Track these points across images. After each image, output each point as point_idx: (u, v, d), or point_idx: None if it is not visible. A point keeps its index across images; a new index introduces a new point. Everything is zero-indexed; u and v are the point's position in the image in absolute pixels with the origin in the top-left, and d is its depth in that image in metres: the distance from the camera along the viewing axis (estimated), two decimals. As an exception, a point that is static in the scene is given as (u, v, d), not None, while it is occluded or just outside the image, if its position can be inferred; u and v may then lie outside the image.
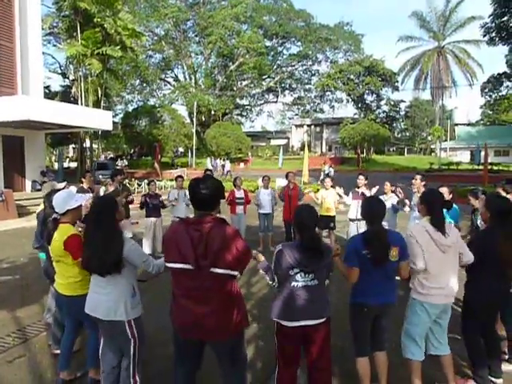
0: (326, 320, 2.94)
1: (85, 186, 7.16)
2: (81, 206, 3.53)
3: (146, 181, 22.94)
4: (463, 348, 3.89)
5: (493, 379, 3.61)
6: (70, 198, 3.45)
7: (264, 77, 55.24)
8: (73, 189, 5.38)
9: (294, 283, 2.87)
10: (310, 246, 2.85)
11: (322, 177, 26.65)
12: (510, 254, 3.42)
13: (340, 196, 8.50)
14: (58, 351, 3.99)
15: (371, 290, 3.16)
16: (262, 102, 61.60)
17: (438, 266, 3.27)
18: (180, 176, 8.74)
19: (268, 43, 54.53)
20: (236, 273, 2.62)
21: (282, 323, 2.90)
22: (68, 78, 38.04)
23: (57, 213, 3.43)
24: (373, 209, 3.29)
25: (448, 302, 3.36)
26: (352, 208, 7.86)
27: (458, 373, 3.71)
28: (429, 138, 58.95)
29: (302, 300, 2.86)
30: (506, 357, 3.89)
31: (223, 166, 33.97)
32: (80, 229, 3.54)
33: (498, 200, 3.79)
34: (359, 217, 7.18)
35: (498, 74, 44.05)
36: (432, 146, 58.31)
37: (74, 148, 48.76)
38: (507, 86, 48.91)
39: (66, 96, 32.23)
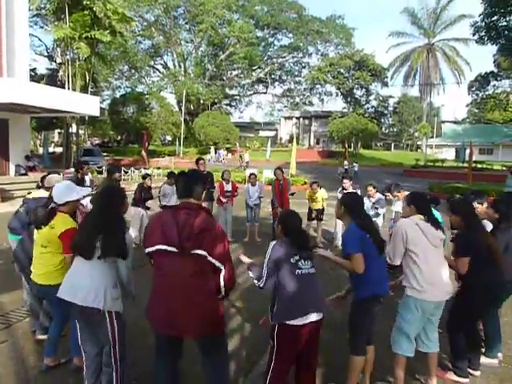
0: (323, 317, 2.92)
1: (79, 175, 7.19)
2: (79, 199, 3.61)
3: (132, 168, 22.76)
4: (444, 341, 3.98)
5: (472, 371, 3.72)
6: (71, 190, 3.51)
7: (254, 67, 54.97)
8: (57, 177, 5.27)
9: (297, 271, 2.84)
10: (300, 244, 2.94)
11: (339, 171, 25.89)
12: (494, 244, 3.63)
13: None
14: (43, 337, 3.98)
15: (380, 279, 3.21)
16: (252, 92, 61.42)
17: (431, 261, 3.30)
18: (172, 173, 8.75)
19: (259, 33, 54.23)
20: (218, 264, 2.64)
21: (291, 323, 2.77)
22: (55, 62, 37.21)
23: (55, 203, 3.46)
24: (357, 202, 3.41)
25: (444, 299, 3.37)
26: None
27: (438, 365, 3.80)
28: (416, 134, 59.45)
29: (308, 288, 2.83)
30: (483, 350, 4.00)
31: (241, 157, 34.18)
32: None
33: (460, 202, 4.02)
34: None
35: (486, 73, 44.44)
36: (418, 143, 58.87)
37: (59, 133, 47.98)
38: (494, 86, 49.42)
39: (52, 80, 31.55)
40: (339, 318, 3.41)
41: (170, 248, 2.58)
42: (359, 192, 7.88)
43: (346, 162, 28.17)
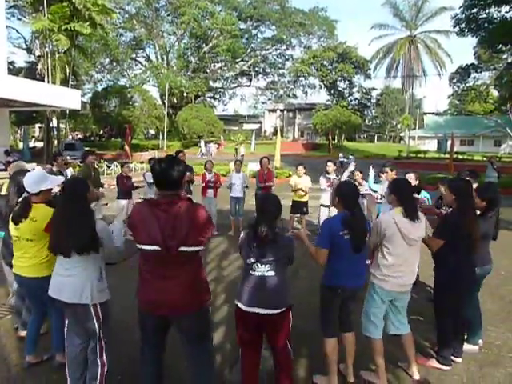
0: (284, 311, 2.94)
1: (54, 168, 7.00)
2: (52, 188, 3.50)
3: (115, 163, 22.52)
4: (425, 329, 4.06)
5: (454, 358, 3.79)
6: (44, 179, 3.41)
7: (237, 60, 54.67)
8: (22, 163, 5.23)
9: (251, 271, 2.92)
10: (265, 238, 2.84)
11: (337, 163, 25.11)
12: (477, 233, 3.60)
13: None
14: (25, 334, 3.93)
15: (346, 273, 3.21)
16: (236, 85, 61.14)
17: (400, 259, 3.33)
18: (153, 159, 8.66)
19: (242, 26, 53.90)
20: (202, 247, 2.67)
21: (239, 305, 2.95)
22: (34, 54, 36.47)
23: (28, 192, 3.35)
24: (352, 192, 3.31)
25: (404, 291, 3.43)
26: (325, 194, 7.94)
27: (421, 352, 3.87)
28: (398, 126, 60.05)
29: (258, 289, 2.90)
30: (465, 337, 4.08)
31: (236, 150, 33.11)
32: None
33: (461, 181, 3.93)
34: (332, 202, 7.38)
35: (466, 65, 45.10)
36: (401, 134, 59.47)
37: (40, 127, 47.15)
38: (474, 78, 50.22)
39: (31, 73, 30.96)
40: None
41: (153, 247, 2.55)
42: (346, 174, 7.96)
43: (340, 155, 26.73)
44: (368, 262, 3.55)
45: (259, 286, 2.90)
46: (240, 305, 2.95)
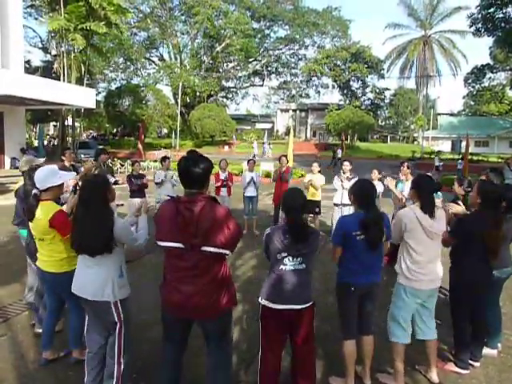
0: (311, 305, 2.97)
1: (66, 163, 6.98)
2: (63, 183, 3.47)
3: (128, 161, 22.66)
4: (444, 332, 4.00)
5: (472, 362, 3.73)
6: (53, 174, 3.35)
7: (250, 59, 54.59)
8: (31, 159, 5.25)
9: (282, 266, 2.88)
10: (297, 230, 2.85)
11: (437, 164, 24.21)
12: (496, 240, 3.50)
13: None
14: (41, 330, 3.96)
15: (360, 270, 3.20)
16: (248, 84, 61.00)
17: (425, 253, 3.32)
18: (166, 157, 8.69)
19: (255, 25, 53.73)
20: (227, 252, 2.65)
21: (268, 305, 2.91)
22: (50, 53, 36.97)
23: (37, 188, 3.30)
24: (367, 191, 3.28)
25: (434, 287, 3.43)
26: (337, 193, 7.89)
27: (439, 356, 3.81)
28: (412, 126, 59.56)
29: (290, 284, 2.87)
30: (485, 340, 4.01)
31: (334, 153, 28.86)
32: (65, 208, 3.52)
33: (491, 186, 3.82)
34: (344, 202, 7.30)
35: (482, 65, 44.54)
36: (415, 135, 58.92)
37: (54, 126, 47.70)
38: (490, 78, 49.61)
39: (47, 72, 31.34)
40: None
41: (176, 245, 2.57)
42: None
43: (436, 158, 24.94)
44: (383, 264, 3.52)
45: (292, 280, 2.87)
46: (270, 304, 2.90)
